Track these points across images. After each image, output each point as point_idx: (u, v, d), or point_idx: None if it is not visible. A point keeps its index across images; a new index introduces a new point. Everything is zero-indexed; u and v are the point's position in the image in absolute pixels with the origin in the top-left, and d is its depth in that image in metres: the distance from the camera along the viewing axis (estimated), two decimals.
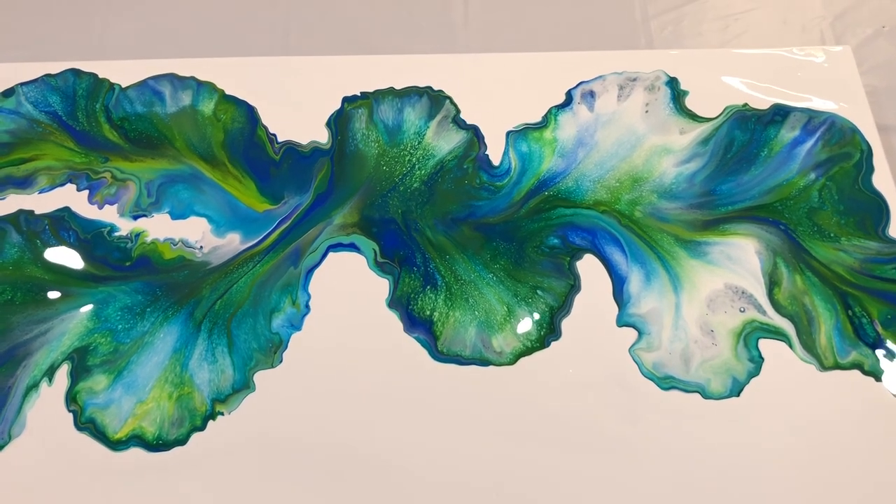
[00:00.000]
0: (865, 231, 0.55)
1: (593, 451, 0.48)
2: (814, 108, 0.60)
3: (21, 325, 0.52)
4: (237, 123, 0.61)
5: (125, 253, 0.55)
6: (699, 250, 0.54)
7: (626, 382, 0.50)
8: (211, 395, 0.50)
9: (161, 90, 0.62)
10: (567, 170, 0.58)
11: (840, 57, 0.63)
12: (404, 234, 0.56)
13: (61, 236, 0.56)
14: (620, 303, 0.53)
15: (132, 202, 0.57)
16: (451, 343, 0.52)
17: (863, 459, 0.47)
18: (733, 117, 0.60)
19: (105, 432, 0.49)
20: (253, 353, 0.51)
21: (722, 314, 0.52)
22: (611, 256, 0.55)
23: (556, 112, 0.61)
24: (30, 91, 0.62)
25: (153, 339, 0.52)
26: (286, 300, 0.53)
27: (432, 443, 0.49)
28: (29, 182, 0.58)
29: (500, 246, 0.55)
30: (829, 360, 0.50)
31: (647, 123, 0.60)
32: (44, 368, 0.51)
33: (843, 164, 0.57)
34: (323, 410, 0.50)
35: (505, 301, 0.53)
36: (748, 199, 0.56)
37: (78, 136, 0.60)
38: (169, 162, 0.59)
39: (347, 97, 0.62)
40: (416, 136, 0.60)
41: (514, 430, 0.49)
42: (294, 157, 0.59)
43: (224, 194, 0.58)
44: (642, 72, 0.62)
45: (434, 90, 0.62)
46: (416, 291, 0.54)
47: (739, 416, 0.49)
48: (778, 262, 0.54)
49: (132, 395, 0.50)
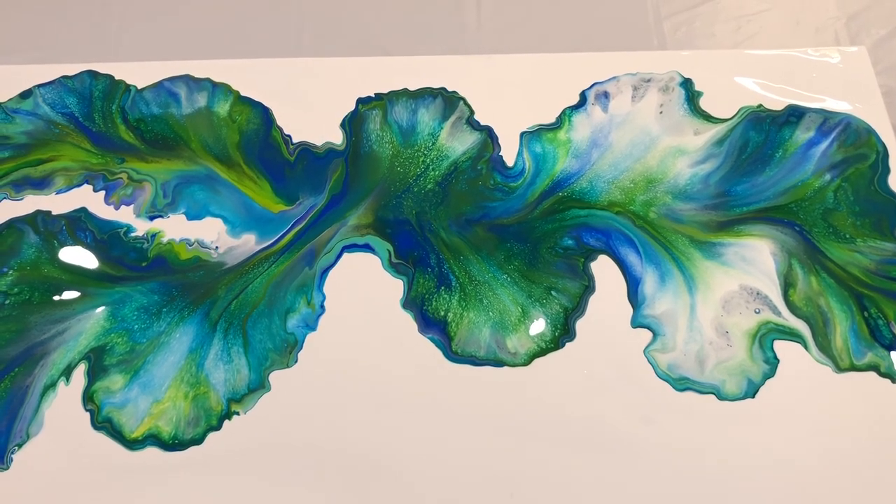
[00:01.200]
0: (881, 232, 0.55)
1: (608, 452, 0.48)
2: (829, 108, 0.60)
3: (39, 325, 0.53)
4: (252, 125, 0.61)
5: (141, 253, 0.56)
6: (714, 251, 0.54)
7: (641, 383, 0.50)
8: (227, 395, 0.50)
9: (177, 91, 0.62)
10: (581, 171, 0.58)
11: (855, 57, 0.63)
12: (418, 235, 0.56)
13: (78, 237, 0.56)
14: (635, 304, 0.53)
15: (148, 203, 0.58)
16: (466, 344, 0.52)
17: (879, 461, 0.47)
18: (748, 118, 0.60)
19: (122, 431, 0.49)
20: (268, 353, 0.52)
21: (737, 315, 0.52)
22: (625, 257, 0.55)
23: (570, 113, 0.61)
24: (47, 93, 0.63)
25: (169, 339, 0.52)
26: (301, 300, 0.53)
27: (446, 443, 0.49)
28: (46, 183, 0.59)
29: (515, 247, 0.55)
30: (845, 362, 0.50)
31: (661, 124, 0.60)
32: (61, 368, 0.51)
33: (859, 165, 0.57)
34: (338, 410, 0.50)
35: (519, 302, 0.53)
36: (763, 200, 0.56)
37: (94, 138, 0.61)
38: (185, 163, 0.60)
39: (361, 98, 0.62)
40: (430, 137, 0.60)
41: (529, 430, 0.49)
42: (309, 158, 0.60)
43: (239, 195, 0.58)
44: (656, 73, 0.62)
45: (448, 91, 0.62)
46: (431, 292, 0.54)
47: (754, 417, 0.49)
48: (793, 264, 0.54)
49: (148, 395, 0.50)
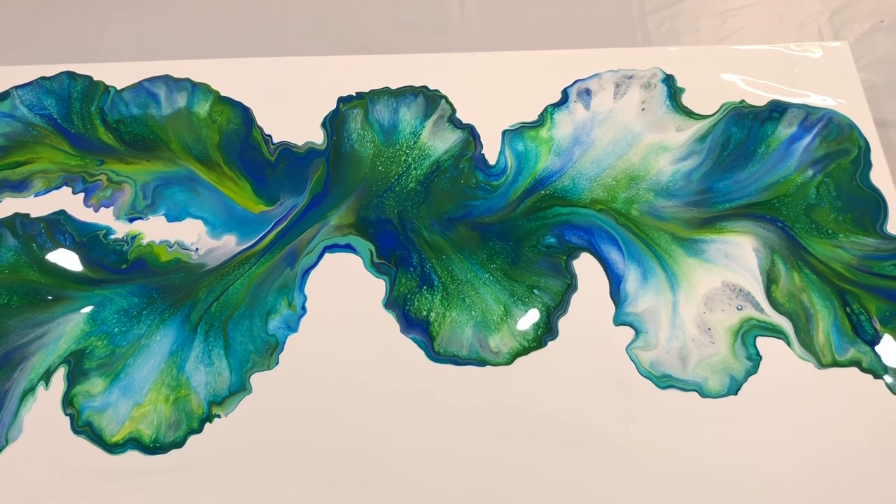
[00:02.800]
0: (863, 227, 0.55)
1: (591, 451, 0.48)
2: (811, 104, 0.60)
3: (17, 329, 0.52)
4: (232, 125, 0.61)
5: (121, 255, 0.55)
6: (696, 248, 0.54)
7: (624, 381, 0.50)
8: (207, 398, 0.50)
9: (156, 92, 0.62)
10: (563, 168, 0.58)
11: (837, 52, 0.63)
12: (400, 235, 0.56)
13: (57, 239, 0.56)
14: (617, 301, 0.53)
15: (128, 205, 0.57)
16: (448, 343, 0.52)
17: (862, 456, 0.47)
18: (730, 114, 0.60)
19: (102, 435, 0.49)
20: (249, 355, 0.51)
21: (719, 312, 0.52)
22: (607, 255, 0.54)
23: (553, 110, 0.61)
24: (25, 94, 0.62)
25: (150, 341, 0.52)
26: (282, 302, 0.53)
27: (429, 443, 0.49)
28: (24, 185, 0.58)
29: (497, 245, 0.55)
30: (828, 358, 0.50)
31: (643, 121, 0.60)
32: (40, 372, 0.51)
33: (841, 160, 0.57)
34: (320, 412, 0.50)
35: (502, 301, 0.53)
36: (745, 196, 0.56)
37: (73, 139, 0.60)
38: (164, 164, 0.59)
39: (343, 97, 0.62)
40: (411, 135, 0.60)
41: (512, 430, 0.49)
42: (289, 158, 0.59)
43: (220, 196, 0.58)
44: (638, 69, 0.62)
45: (430, 90, 0.62)
46: (413, 292, 0.53)
47: (737, 414, 0.49)
48: (776, 260, 0.54)
49: (129, 398, 0.50)
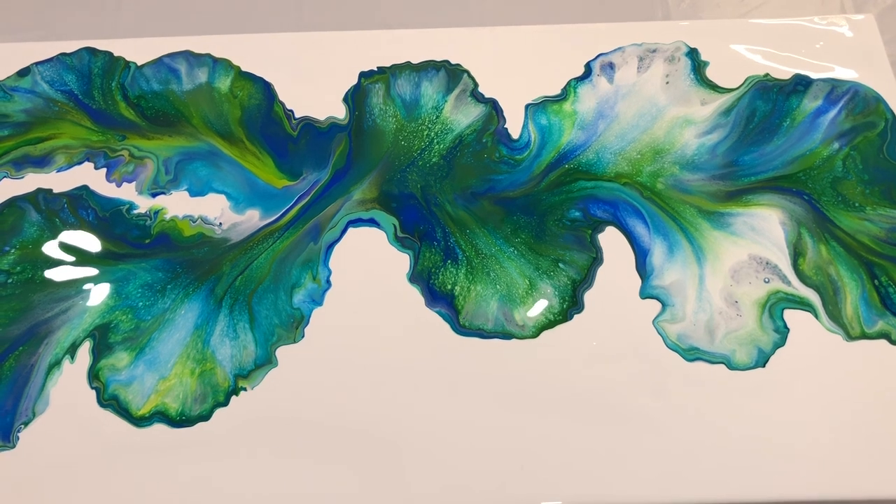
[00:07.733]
0: (891, 200, 0.54)
1: (617, 424, 0.48)
2: (836, 77, 0.59)
3: (42, 304, 0.52)
4: (254, 100, 0.60)
5: (144, 230, 0.55)
6: (722, 221, 0.54)
7: (651, 354, 0.50)
8: (233, 371, 0.50)
9: (177, 67, 0.62)
10: (587, 142, 0.58)
11: (863, 25, 0.62)
12: (424, 209, 0.56)
13: (80, 214, 0.56)
14: (643, 275, 0.52)
15: (150, 180, 0.57)
16: (474, 317, 0.51)
17: (891, 429, 0.47)
18: (755, 87, 0.59)
19: (128, 409, 0.49)
20: (274, 329, 0.51)
21: (746, 285, 0.52)
22: (633, 229, 0.54)
23: (576, 84, 0.60)
24: (45, 70, 0.62)
25: (174, 315, 0.52)
26: (307, 276, 0.53)
27: (455, 417, 0.48)
28: (47, 161, 0.58)
29: (521, 219, 0.55)
30: (856, 330, 0.50)
31: (667, 95, 0.59)
32: (66, 346, 0.51)
33: (868, 133, 0.57)
34: (345, 385, 0.49)
35: (527, 274, 0.53)
36: (771, 169, 0.56)
37: (94, 115, 0.60)
38: (186, 139, 0.59)
39: (364, 72, 0.61)
40: (434, 110, 0.60)
41: (538, 403, 0.49)
42: (312, 132, 0.59)
43: (242, 171, 0.57)
44: (662, 43, 0.61)
45: (451, 64, 0.61)
46: (437, 266, 0.53)
47: (765, 386, 0.48)
48: (802, 233, 0.53)
49: (154, 372, 0.50)
